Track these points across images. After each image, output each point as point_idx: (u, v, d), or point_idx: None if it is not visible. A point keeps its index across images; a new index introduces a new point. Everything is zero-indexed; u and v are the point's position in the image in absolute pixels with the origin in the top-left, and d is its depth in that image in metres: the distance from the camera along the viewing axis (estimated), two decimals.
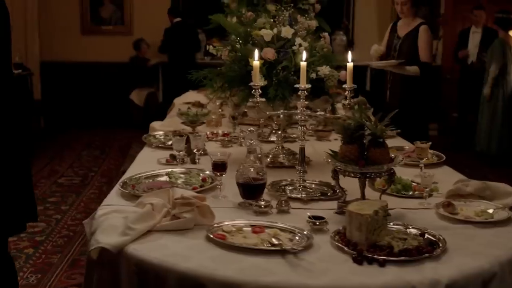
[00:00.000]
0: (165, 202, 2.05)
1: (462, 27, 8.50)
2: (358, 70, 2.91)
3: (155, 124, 4.08)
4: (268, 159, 2.96)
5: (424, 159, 2.80)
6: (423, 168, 2.75)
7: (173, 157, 2.99)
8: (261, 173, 2.24)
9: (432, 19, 9.63)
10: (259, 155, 2.25)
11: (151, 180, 2.60)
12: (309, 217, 2.03)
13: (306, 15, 3.01)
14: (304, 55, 2.38)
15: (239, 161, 2.35)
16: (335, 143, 3.61)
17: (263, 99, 2.50)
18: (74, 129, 9.03)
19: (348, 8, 9.96)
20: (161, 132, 3.70)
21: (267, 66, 2.74)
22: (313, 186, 2.52)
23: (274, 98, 2.73)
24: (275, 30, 2.79)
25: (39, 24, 9.13)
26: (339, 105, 3.06)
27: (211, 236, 1.88)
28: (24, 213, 2.39)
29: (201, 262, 1.74)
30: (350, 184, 2.27)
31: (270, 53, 2.74)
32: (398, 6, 4.79)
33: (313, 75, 2.78)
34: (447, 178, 2.68)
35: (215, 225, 1.98)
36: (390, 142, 2.85)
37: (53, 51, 9.38)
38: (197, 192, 2.25)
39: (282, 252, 1.79)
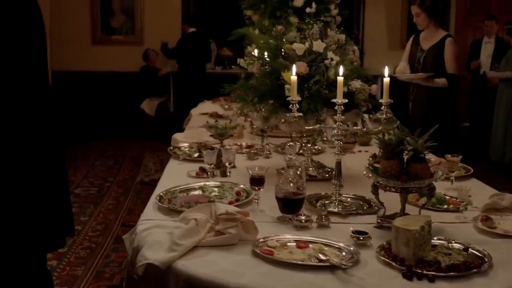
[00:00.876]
0: (208, 218, 2.06)
1: (473, 38, 8.53)
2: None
3: (177, 135, 4.08)
4: (298, 171, 2.97)
5: (455, 172, 2.81)
6: (453, 181, 2.76)
7: (202, 170, 3.01)
8: (301, 188, 2.25)
9: None
10: (300, 170, 2.26)
11: (185, 194, 2.61)
12: (353, 232, 2.04)
13: (337, 29, 3.02)
14: (341, 70, 2.40)
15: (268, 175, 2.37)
16: (359, 155, 3.64)
17: (301, 114, 2.51)
18: (86, 138, 9.05)
19: (358, 17, 10.01)
20: (186, 144, 3.71)
21: (300, 80, 2.75)
22: (348, 200, 2.53)
23: (307, 112, 2.74)
24: (306, 44, 2.80)
25: (50, 34, 9.17)
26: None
27: (258, 251, 1.89)
28: (63, 228, 2.40)
29: (251, 278, 1.75)
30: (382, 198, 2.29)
31: (302, 67, 2.75)
32: (414, 18, 4.79)
33: (345, 89, 2.79)
34: (478, 191, 2.69)
35: (260, 240, 1.99)
36: None
37: (64, 61, 9.42)
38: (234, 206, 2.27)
39: (331, 268, 1.79)
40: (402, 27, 9.71)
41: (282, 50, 2.90)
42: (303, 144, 3.17)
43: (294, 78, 2.40)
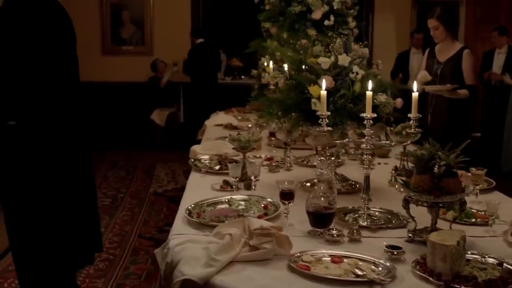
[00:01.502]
0: (241, 232, 2.07)
1: (482, 48, 8.54)
2: None
3: (196, 147, 4.09)
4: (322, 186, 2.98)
5: (480, 185, 2.82)
6: (478, 194, 2.77)
7: (226, 183, 3.02)
8: (332, 202, 2.26)
9: None
10: (332, 184, 2.27)
11: (212, 208, 2.62)
12: (386, 247, 2.05)
13: (360, 43, 3.03)
14: (370, 84, 2.41)
15: None
16: (378, 167, 3.64)
17: (330, 128, 2.52)
18: (96, 149, 9.04)
19: (367, 26, 10.02)
20: (206, 157, 3.72)
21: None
22: (376, 213, 2.54)
23: (332, 125, 2.75)
24: (332, 58, 2.82)
25: None
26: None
27: (295, 267, 1.90)
28: (92, 244, 2.43)
29: None
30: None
31: (328, 81, 2.77)
32: (431, 31, 4.81)
33: None
34: (502, 204, 2.69)
35: (296, 255, 2.00)
36: None
37: None
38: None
39: (369, 283, 1.80)
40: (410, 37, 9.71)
41: (306, 63, 2.92)
42: (327, 157, 3.18)
43: (323, 93, 2.42)
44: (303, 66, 2.92)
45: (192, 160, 3.65)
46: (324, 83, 2.43)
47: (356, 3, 4.43)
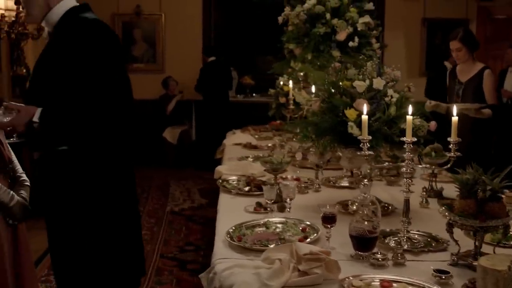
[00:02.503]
0: (290, 257, 2.08)
1: (493, 66, 8.57)
2: None
3: (221, 168, 4.11)
4: (354, 207, 3.00)
5: None
6: None
7: (259, 205, 3.04)
8: (375, 226, 2.28)
9: None
10: (375, 208, 2.29)
11: (251, 231, 2.63)
12: (434, 271, 2.06)
13: (393, 66, 3.06)
14: (410, 109, 2.44)
15: (318, 207, 2.43)
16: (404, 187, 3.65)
17: (372, 152, 2.54)
18: None
19: (377, 40, 10.07)
20: (233, 177, 3.74)
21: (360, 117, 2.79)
22: (416, 236, 2.55)
23: (368, 148, 2.77)
24: (367, 82, 2.85)
25: None
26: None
27: None
28: (137, 268, 2.44)
29: None
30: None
31: (364, 105, 2.79)
32: (453, 52, 4.84)
33: (404, 126, 2.83)
34: None
35: (346, 279, 2.01)
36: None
37: None
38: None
39: None
40: (421, 54, 9.77)
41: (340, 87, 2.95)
42: (359, 179, 3.20)
43: (365, 117, 2.44)
44: (337, 89, 2.94)
45: (220, 181, 3.66)
46: (365, 108, 2.46)
47: (378, 24, 4.47)
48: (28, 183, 2.63)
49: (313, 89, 3.86)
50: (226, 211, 3.08)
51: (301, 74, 4.45)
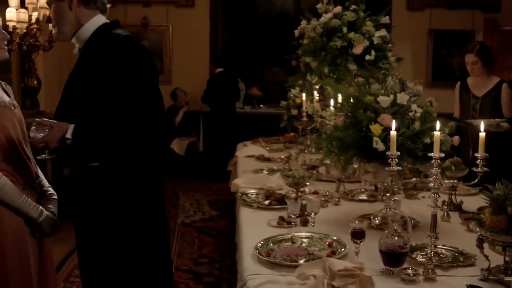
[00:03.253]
0: (323, 274, 2.10)
1: (501, 77, 8.56)
2: None
3: (238, 181, 4.12)
4: (377, 221, 3.02)
5: None
6: None
7: (282, 219, 3.05)
8: (406, 242, 2.29)
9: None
10: (406, 223, 2.31)
11: (277, 245, 2.64)
12: (468, 286, 2.07)
13: (415, 81, 3.08)
14: (438, 124, 2.46)
15: (340, 221, 2.42)
16: (423, 201, 3.66)
17: (400, 168, 2.56)
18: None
19: None
20: (252, 191, 3.75)
21: (385, 133, 2.81)
22: (443, 251, 2.56)
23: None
24: (391, 97, 2.87)
25: None
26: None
27: None
28: (166, 284, 2.46)
29: None
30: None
31: (387, 120, 2.82)
32: (468, 65, 4.85)
33: (427, 140, 2.85)
34: None
35: None
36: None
37: None
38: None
39: None
40: (428, 65, 9.80)
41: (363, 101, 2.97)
42: (382, 194, 3.22)
43: (393, 133, 2.46)
44: (360, 104, 2.96)
45: (239, 194, 3.67)
46: (394, 124, 2.48)
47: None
48: (56, 197, 2.64)
49: (331, 102, 3.89)
50: (249, 225, 3.09)
51: (317, 87, 4.47)
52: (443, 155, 2.47)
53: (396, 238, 2.29)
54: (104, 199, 2.40)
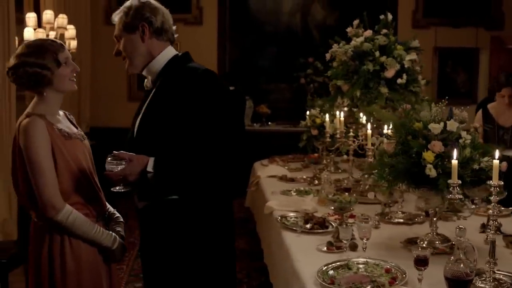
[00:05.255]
0: None
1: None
2: None
3: (272, 203, 4.16)
4: (424, 244, 3.07)
5: None
6: None
7: (331, 244, 3.10)
8: (472, 269, 2.34)
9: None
10: (471, 252, 2.36)
11: (336, 272, 2.68)
12: None
13: (462, 108, 3.15)
14: (497, 153, 2.52)
15: (386, 245, 2.50)
16: (458, 223, 3.71)
17: (461, 196, 2.62)
18: (123, 194, 9.04)
19: None
20: (291, 214, 3.79)
21: (439, 159, 2.86)
22: (500, 276, 2.62)
23: (444, 189, 2.85)
24: (441, 124, 2.93)
25: (90, 92, 9.35)
26: None
27: None
28: None
29: None
30: None
31: (438, 146, 2.88)
32: (505, 98, 4.86)
33: (476, 166, 2.92)
34: None
35: None
36: None
37: (101, 117, 9.56)
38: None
39: None
40: (433, 83, 9.89)
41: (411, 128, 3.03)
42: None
43: (454, 162, 2.52)
44: (408, 131, 3.02)
45: (279, 218, 3.71)
46: (455, 153, 2.54)
47: None
48: (122, 219, 2.68)
49: (368, 126, 3.95)
50: (298, 250, 3.12)
51: (345, 109, 4.53)
52: (501, 183, 2.53)
53: (462, 265, 2.34)
54: (180, 232, 2.42)
